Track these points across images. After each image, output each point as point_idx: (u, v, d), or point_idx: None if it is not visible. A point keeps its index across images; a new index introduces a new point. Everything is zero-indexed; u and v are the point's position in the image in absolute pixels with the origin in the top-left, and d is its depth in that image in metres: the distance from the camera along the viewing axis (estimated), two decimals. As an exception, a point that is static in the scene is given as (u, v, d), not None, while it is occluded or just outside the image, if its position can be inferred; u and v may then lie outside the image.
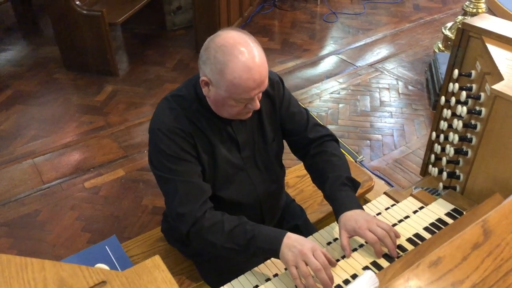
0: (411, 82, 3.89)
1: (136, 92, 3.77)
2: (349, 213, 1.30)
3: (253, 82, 1.21)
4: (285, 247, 1.20)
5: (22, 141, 3.18)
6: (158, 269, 0.94)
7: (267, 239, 1.24)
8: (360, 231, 1.24)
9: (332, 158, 1.48)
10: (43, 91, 3.76)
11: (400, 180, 2.82)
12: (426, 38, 4.66)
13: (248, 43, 1.21)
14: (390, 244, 1.22)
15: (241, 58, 1.19)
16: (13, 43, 4.58)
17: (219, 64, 1.21)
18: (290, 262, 1.18)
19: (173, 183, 1.32)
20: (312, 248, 1.18)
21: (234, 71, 1.19)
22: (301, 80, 3.97)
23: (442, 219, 1.37)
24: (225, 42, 1.21)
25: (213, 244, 1.29)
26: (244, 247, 1.26)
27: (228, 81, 1.21)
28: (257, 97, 1.28)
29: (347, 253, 1.24)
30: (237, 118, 1.35)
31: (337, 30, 4.88)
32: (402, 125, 3.36)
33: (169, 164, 1.32)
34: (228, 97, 1.24)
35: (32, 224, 2.52)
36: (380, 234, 1.23)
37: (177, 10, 4.71)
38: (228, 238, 1.26)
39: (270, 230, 1.28)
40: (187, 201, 1.30)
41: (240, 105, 1.27)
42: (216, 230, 1.28)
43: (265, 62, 1.24)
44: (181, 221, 1.31)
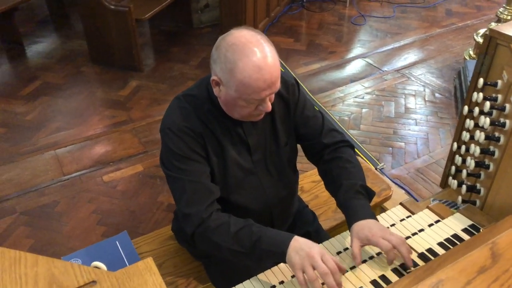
0: (439, 89, 3.78)
1: (160, 88, 3.79)
2: (362, 222, 1.25)
3: (263, 82, 1.17)
4: (292, 250, 1.17)
5: (46, 132, 3.25)
6: (150, 272, 0.93)
7: (273, 242, 1.21)
8: (373, 239, 1.19)
9: (346, 164, 1.43)
10: (69, 84, 3.83)
11: (420, 190, 2.74)
12: (457, 44, 4.53)
13: (260, 43, 1.18)
14: (406, 252, 1.17)
15: (251, 57, 1.16)
16: (45, 35, 4.69)
17: (229, 63, 1.18)
18: (297, 265, 1.14)
19: (181, 183, 1.31)
20: (321, 252, 1.15)
21: (244, 71, 1.16)
22: (325, 83, 3.91)
23: (458, 235, 1.31)
24: (236, 41, 1.18)
25: (218, 246, 1.27)
26: (249, 250, 1.23)
27: (237, 81, 1.18)
28: (268, 99, 1.25)
29: (357, 261, 1.20)
30: (248, 119, 1.32)
31: (365, 33, 4.79)
32: (427, 133, 3.26)
33: (178, 164, 1.31)
34: (238, 97, 1.22)
35: (50, 214, 2.56)
36: (395, 242, 1.18)
37: (204, 8, 4.73)
38: (233, 240, 1.24)
39: (277, 233, 1.25)
40: (194, 201, 1.29)
41: (251, 106, 1.24)
42: (222, 232, 1.25)
43: (277, 63, 1.21)
44: (187, 222, 1.30)
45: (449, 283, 0.73)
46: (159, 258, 1.71)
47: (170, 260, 1.71)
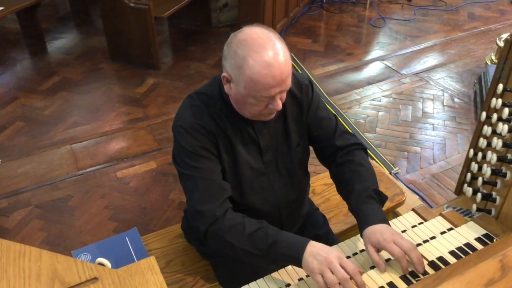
0: (458, 94, 3.71)
1: (176, 86, 3.81)
2: (373, 226, 1.23)
3: (272, 79, 1.15)
4: (309, 255, 1.16)
5: (63, 127, 3.29)
6: (151, 271, 0.92)
7: (289, 246, 1.20)
8: (385, 243, 1.17)
9: (359, 168, 1.41)
10: (87, 80, 3.88)
11: (435, 197, 2.69)
12: (478, 49, 4.43)
13: (270, 40, 1.17)
14: (416, 258, 1.14)
15: (261, 53, 1.14)
16: (66, 32, 4.76)
17: (238, 59, 1.17)
18: (316, 270, 1.13)
19: (194, 180, 1.30)
20: (339, 257, 1.13)
21: (253, 67, 1.15)
22: (341, 85, 3.87)
23: (471, 244, 1.27)
24: (247, 37, 1.17)
25: (231, 246, 1.25)
26: (264, 252, 1.22)
27: (246, 77, 1.17)
28: (279, 97, 1.23)
29: (382, 268, 1.16)
30: (259, 119, 1.31)
31: (384, 36, 4.73)
32: (444, 138, 3.20)
33: (190, 161, 1.31)
34: (247, 94, 1.20)
35: (63, 208, 2.59)
36: (407, 247, 1.15)
37: (223, 7, 4.73)
38: (248, 241, 1.23)
39: (292, 236, 1.23)
40: (207, 199, 1.28)
41: (261, 104, 1.22)
42: (236, 232, 1.24)
43: (288, 61, 1.19)
44: (200, 219, 1.28)
45: None
46: (168, 256, 1.71)
47: (179, 258, 1.71)
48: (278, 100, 1.23)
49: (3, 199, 2.65)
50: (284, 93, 1.25)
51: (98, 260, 0.94)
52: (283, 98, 1.27)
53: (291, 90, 1.40)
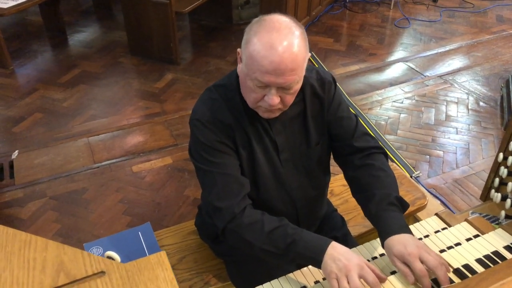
0: (484, 98, 3.59)
1: (195, 82, 3.78)
2: (396, 237, 1.15)
3: (269, 63, 1.09)
4: (329, 258, 1.11)
5: (80, 120, 3.30)
6: (162, 266, 0.88)
7: (309, 246, 1.15)
8: (409, 258, 1.09)
9: (380, 173, 1.33)
10: (107, 73, 3.88)
11: (457, 202, 2.59)
12: (506, 52, 4.30)
13: (288, 28, 1.11)
14: (443, 276, 1.06)
15: (270, 34, 1.09)
16: (87, 25, 4.79)
17: (249, 35, 1.14)
18: (332, 274, 1.08)
19: (211, 176, 1.26)
20: (359, 265, 1.08)
21: (256, 44, 1.10)
22: (363, 85, 3.79)
23: (500, 252, 1.20)
24: (268, 18, 1.13)
25: (250, 244, 1.21)
26: (283, 251, 1.18)
27: (248, 53, 1.12)
28: (275, 91, 1.15)
29: (410, 279, 1.08)
30: (259, 112, 1.24)
31: (408, 37, 4.63)
32: (468, 143, 3.10)
33: (207, 156, 1.26)
34: (247, 74, 1.15)
35: (78, 201, 2.58)
36: (432, 263, 1.07)
37: (245, 4, 4.69)
38: (267, 239, 1.18)
39: (313, 236, 1.18)
40: (226, 195, 1.24)
41: (258, 90, 1.16)
42: (255, 229, 1.20)
43: (297, 57, 1.11)
44: (218, 216, 1.24)
45: None
46: (180, 252, 1.68)
47: (191, 255, 1.68)
48: (274, 93, 1.15)
49: (19, 189, 2.66)
50: (287, 94, 1.17)
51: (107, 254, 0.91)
52: (286, 99, 1.19)
53: (313, 86, 1.35)
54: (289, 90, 1.17)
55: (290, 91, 1.17)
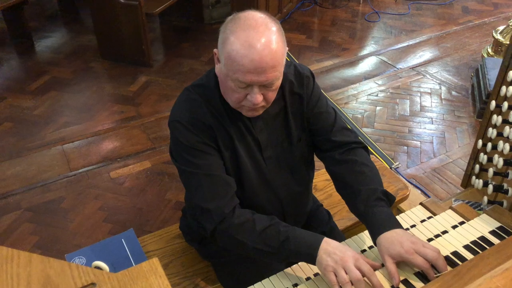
0: (455, 87, 3.67)
1: (169, 84, 3.73)
2: (389, 234, 1.15)
3: (249, 62, 1.07)
4: (324, 252, 1.11)
5: (53, 127, 3.20)
6: (155, 274, 0.85)
7: (302, 243, 1.15)
8: (407, 256, 1.08)
9: (363, 168, 1.32)
10: (78, 79, 3.79)
11: (437, 191, 2.64)
12: (474, 42, 4.41)
13: (264, 25, 1.09)
14: (442, 266, 1.06)
15: (247, 32, 1.07)
16: (54, 30, 4.66)
17: (225, 34, 1.11)
18: (329, 268, 1.08)
19: (196, 177, 1.23)
20: (354, 257, 1.09)
21: (234, 43, 1.07)
22: (338, 80, 3.82)
23: (486, 237, 1.22)
24: (242, 15, 1.11)
25: (242, 244, 1.19)
26: (276, 250, 1.17)
27: (226, 53, 1.10)
28: (257, 89, 1.13)
29: (396, 281, 1.08)
30: (242, 112, 1.22)
31: (379, 30, 4.69)
32: (443, 132, 3.16)
33: (190, 158, 1.23)
34: (226, 74, 1.13)
35: (55, 211, 2.51)
36: (431, 256, 1.07)
37: (216, 4, 4.66)
38: (259, 238, 1.17)
39: (305, 233, 1.18)
40: (213, 196, 1.21)
41: (240, 91, 1.14)
42: (247, 229, 1.18)
43: (276, 53, 1.09)
44: (207, 218, 1.21)
45: None
46: (166, 257, 1.65)
47: (178, 259, 1.64)
48: (256, 92, 1.13)
49: (-8, 202, 2.57)
50: (269, 90, 1.16)
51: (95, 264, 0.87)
52: (268, 96, 1.17)
53: (291, 83, 1.34)
54: (271, 87, 1.15)
55: (272, 88, 1.16)
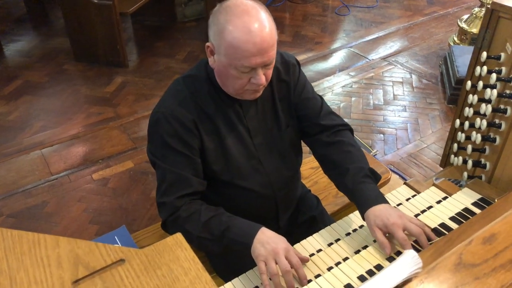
0: (425, 75, 3.80)
1: (146, 83, 3.72)
2: (377, 207, 1.21)
3: (253, 45, 1.11)
4: (258, 242, 1.17)
5: (30, 132, 3.14)
6: (181, 247, 0.88)
7: (241, 232, 1.21)
8: (392, 228, 1.15)
9: (350, 148, 1.39)
10: (52, 82, 3.72)
11: (414, 175, 2.74)
12: (440, 31, 4.56)
13: (254, 8, 1.14)
14: (425, 242, 1.13)
15: (242, 19, 1.11)
16: (23, 34, 4.55)
17: (220, 25, 1.14)
18: (260, 257, 1.14)
19: (162, 171, 1.29)
20: (285, 249, 1.14)
21: (233, 32, 1.11)
22: (313, 73, 3.89)
23: (469, 208, 1.30)
24: (230, 4, 1.15)
25: (188, 233, 1.25)
26: (218, 238, 1.23)
27: (227, 43, 1.13)
28: (261, 70, 1.18)
29: (387, 251, 1.14)
30: (243, 97, 1.26)
31: (350, 23, 4.79)
32: (416, 119, 3.27)
33: (163, 151, 1.28)
34: (228, 64, 1.16)
35: (39, 215, 2.47)
36: (415, 231, 1.14)
37: (188, 2, 4.66)
38: (203, 228, 1.24)
39: (245, 223, 1.24)
40: (171, 191, 1.27)
41: (243, 76, 1.18)
42: (193, 220, 1.25)
43: (272, 32, 1.15)
44: (161, 210, 1.29)
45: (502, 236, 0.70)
46: (160, 251, 1.66)
47: (172, 252, 1.66)
48: (261, 73, 1.18)
49: (-28, 210, 2.51)
50: (269, 69, 1.21)
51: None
52: (268, 74, 1.22)
53: (278, 70, 1.38)
54: (270, 65, 1.20)
55: (271, 65, 1.21)
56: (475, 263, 0.71)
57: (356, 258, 1.17)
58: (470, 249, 0.71)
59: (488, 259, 0.70)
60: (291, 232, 1.55)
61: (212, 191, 1.39)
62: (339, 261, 1.19)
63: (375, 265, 1.14)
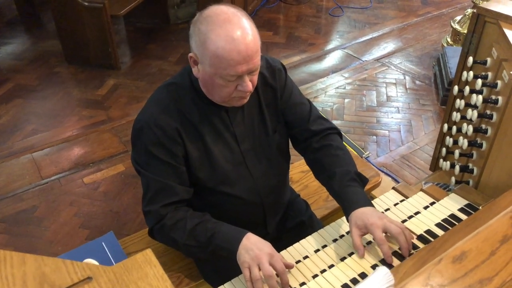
0: (419, 77, 3.80)
1: (138, 86, 3.70)
2: (360, 210, 1.22)
3: (237, 54, 1.10)
4: (243, 248, 1.18)
5: (21, 135, 3.12)
6: (150, 264, 0.87)
7: (226, 238, 1.22)
8: (371, 227, 1.16)
9: (338, 152, 1.39)
10: (43, 85, 3.70)
11: (407, 177, 2.74)
12: (433, 32, 4.56)
13: (236, 15, 1.13)
14: (404, 242, 1.14)
15: (225, 27, 1.10)
16: (14, 36, 4.52)
17: (202, 35, 1.12)
18: (245, 264, 1.15)
19: (147, 180, 1.29)
20: (270, 254, 1.15)
21: (216, 41, 1.10)
22: (306, 75, 3.88)
23: (456, 215, 1.29)
24: (211, 13, 1.13)
25: (175, 241, 1.27)
26: (204, 244, 1.24)
27: (211, 53, 1.12)
28: (248, 77, 1.17)
29: (360, 253, 1.16)
30: (230, 104, 1.26)
31: (343, 24, 4.79)
32: (409, 120, 3.27)
33: (147, 159, 1.27)
34: (214, 73, 1.15)
35: (29, 220, 2.46)
36: (394, 231, 1.15)
37: (181, 4, 4.64)
38: (189, 235, 1.25)
39: (230, 229, 1.24)
40: (156, 200, 1.28)
41: (230, 85, 1.17)
42: (179, 228, 1.26)
43: (255, 38, 1.14)
44: (147, 218, 1.32)
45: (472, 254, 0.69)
46: (148, 257, 1.65)
47: (160, 259, 1.59)
48: (247, 80, 1.17)
49: (-39, 215, 2.49)
50: (254, 75, 1.21)
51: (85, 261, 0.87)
52: (254, 80, 1.21)
53: (264, 75, 1.37)
54: (256, 71, 1.19)
55: (256, 71, 1.20)
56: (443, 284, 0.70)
57: (341, 266, 1.16)
58: (439, 269, 0.70)
59: (457, 279, 0.69)
60: (280, 238, 1.55)
61: (198, 198, 1.39)
62: (325, 268, 1.19)
63: (359, 273, 1.13)
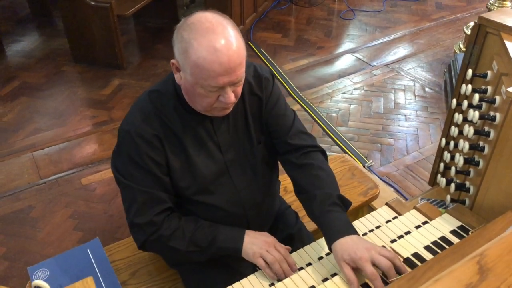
0: (429, 84, 3.70)
1: (143, 86, 3.68)
2: (344, 240, 1.14)
3: (219, 65, 1.05)
4: (248, 243, 1.25)
5: (23, 134, 3.13)
6: (89, 293, 0.83)
7: (227, 239, 1.27)
8: (360, 262, 1.08)
9: (319, 172, 1.32)
10: (49, 84, 3.71)
11: (410, 188, 2.65)
12: (447, 38, 4.45)
13: (220, 24, 1.07)
14: (394, 275, 1.07)
15: (207, 37, 1.05)
16: (25, 34, 4.55)
17: (184, 43, 1.07)
18: (256, 254, 1.22)
19: (132, 191, 1.24)
20: (273, 241, 1.26)
21: (198, 51, 1.05)
22: (313, 79, 3.81)
23: (446, 237, 1.22)
24: (194, 21, 1.08)
25: (175, 250, 1.27)
26: (206, 249, 1.27)
27: (192, 62, 1.07)
28: (230, 89, 1.12)
29: (355, 286, 1.08)
30: (212, 114, 1.21)
31: (354, 28, 4.70)
32: (416, 129, 3.18)
33: (131, 170, 1.23)
34: (195, 83, 1.10)
35: (24, 220, 2.45)
36: (384, 265, 1.07)
37: (190, 4, 4.62)
38: (190, 242, 1.26)
39: (227, 229, 1.29)
40: (145, 211, 1.24)
41: (211, 95, 1.12)
42: (177, 237, 1.26)
43: (240, 50, 1.09)
44: (138, 231, 1.27)
45: None
46: (133, 266, 1.61)
47: (144, 268, 1.61)
48: (230, 92, 1.13)
49: (-42, 213, 2.49)
50: (238, 86, 1.15)
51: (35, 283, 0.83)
52: (237, 91, 1.16)
53: (250, 84, 1.32)
54: (239, 82, 1.14)
55: (240, 83, 1.15)
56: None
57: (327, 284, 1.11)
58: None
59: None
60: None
61: (179, 207, 1.34)
62: (305, 289, 1.13)
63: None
